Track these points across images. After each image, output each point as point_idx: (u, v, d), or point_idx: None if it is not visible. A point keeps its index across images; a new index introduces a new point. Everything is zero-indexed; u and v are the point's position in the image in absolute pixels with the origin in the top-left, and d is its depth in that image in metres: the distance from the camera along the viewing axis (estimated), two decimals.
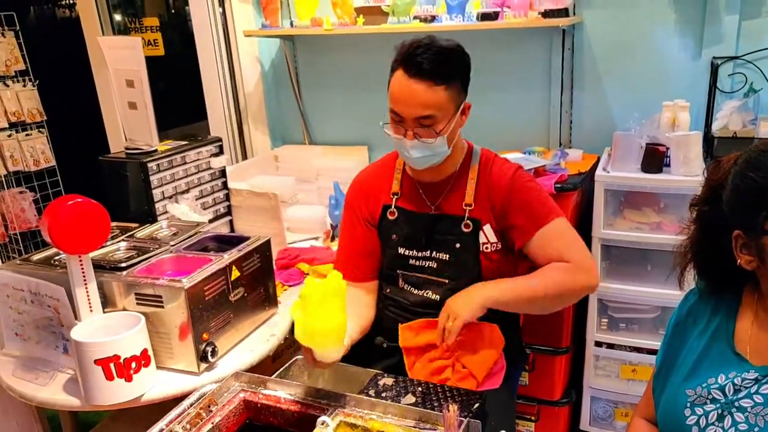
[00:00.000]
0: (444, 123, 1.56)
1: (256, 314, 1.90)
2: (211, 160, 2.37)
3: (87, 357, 1.52)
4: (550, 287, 1.58)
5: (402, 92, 1.54)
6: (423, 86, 1.51)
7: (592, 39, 2.50)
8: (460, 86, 1.58)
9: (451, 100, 1.55)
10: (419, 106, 1.53)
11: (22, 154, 3.28)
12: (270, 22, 2.74)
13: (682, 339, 1.29)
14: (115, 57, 2.11)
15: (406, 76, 1.52)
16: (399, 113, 1.56)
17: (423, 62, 1.50)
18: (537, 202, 1.65)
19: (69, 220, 1.54)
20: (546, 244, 1.62)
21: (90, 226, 1.58)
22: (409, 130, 1.56)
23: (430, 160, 1.62)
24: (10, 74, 3.25)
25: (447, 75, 1.53)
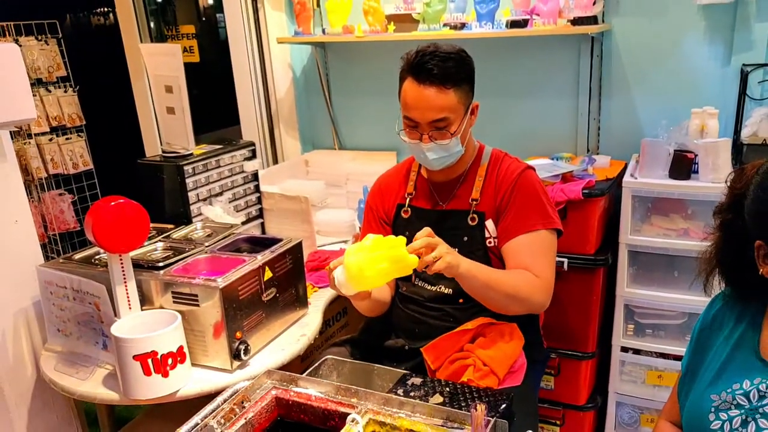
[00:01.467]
0: (456, 124, 1.66)
1: (287, 314, 1.95)
2: (244, 164, 2.44)
3: (126, 352, 1.58)
4: (510, 288, 1.63)
5: (415, 98, 1.63)
6: (434, 90, 1.61)
7: (621, 46, 2.51)
8: (468, 88, 1.69)
9: (460, 102, 1.66)
10: (433, 110, 1.63)
11: (62, 158, 3.40)
12: (302, 30, 2.81)
13: (708, 344, 1.30)
14: (155, 63, 2.18)
15: (416, 83, 1.63)
16: (413, 119, 1.66)
17: (432, 68, 1.60)
18: (532, 208, 1.71)
19: (112, 220, 1.61)
20: (519, 251, 1.69)
21: (131, 226, 1.64)
22: (424, 134, 1.66)
23: (446, 161, 1.72)
24: (53, 80, 3.37)
25: (455, 78, 1.62)
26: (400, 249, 1.44)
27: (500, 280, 1.63)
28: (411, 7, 2.63)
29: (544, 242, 1.71)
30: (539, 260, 1.68)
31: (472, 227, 1.75)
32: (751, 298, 1.25)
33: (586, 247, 2.18)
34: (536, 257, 1.68)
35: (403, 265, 1.45)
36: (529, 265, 1.67)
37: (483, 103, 2.80)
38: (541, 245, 1.70)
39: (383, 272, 1.45)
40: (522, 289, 1.63)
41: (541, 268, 1.67)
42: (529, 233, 1.69)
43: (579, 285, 2.21)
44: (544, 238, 1.71)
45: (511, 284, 1.63)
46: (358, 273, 1.46)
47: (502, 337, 1.68)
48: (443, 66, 1.60)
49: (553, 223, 1.72)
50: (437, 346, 1.71)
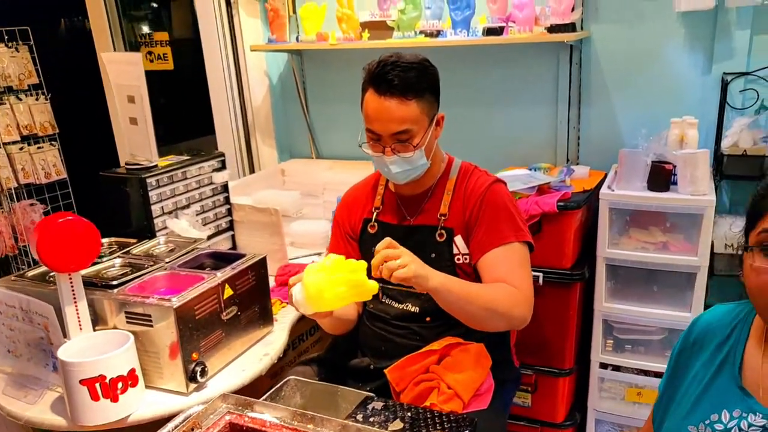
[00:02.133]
0: (420, 136, 1.60)
1: (249, 333, 1.88)
2: (213, 175, 2.37)
3: (72, 377, 1.51)
4: (489, 301, 1.54)
5: (376, 111, 1.58)
6: (395, 102, 1.55)
7: (600, 54, 2.45)
8: (432, 98, 1.62)
9: (423, 113, 1.59)
10: (394, 122, 1.57)
11: (34, 167, 3.32)
12: (276, 37, 2.74)
13: (686, 368, 1.23)
14: (117, 72, 2.11)
15: (377, 95, 1.57)
16: (376, 131, 1.61)
17: (393, 79, 1.54)
18: (502, 220, 1.64)
19: (58, 238, 1.53)
20: (495, 264, 1.62)
21: (80, 244, 1.57)
22: (387, 146, 1.61)
23: (410, 174, 1.66)
24: (24, 88, 3.30)
25: (417, 89, 1.56)
26: (360, 274, 1.39)
27: (477, 293, 1.55)
28: (386, 14, 2.56)
29: (519, 254, 1.64)
30: (516, 272, 1.61)
31: (439, 243, 1.69)
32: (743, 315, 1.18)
33: (562, 261, 2.12)
34: (513, 269, 1.61)
35: (362, 290, 1.40)
36: (507, 277, 1.59)
37: (459, 112, 2.77)
38: (516, 257, 1.63)
39: (341, 296, 1.40)
40: (501, 302, 1.55)
41: (519, 280, 1.60)
42: (503, 246, 1.62)
43: (555, 300, 2.14)
44: (518, 251, 1.64)
45: (490, 297, 1.55)
46: (317, 294, 1.41)
47: (468, 359, 1.61)
48: (404, 76, 1.54)
49: (525, 236, 1.66)
50: (402, 368, 1.64)
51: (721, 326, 1.20)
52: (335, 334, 1.84)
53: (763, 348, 1.12)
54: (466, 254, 1.68)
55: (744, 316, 1.18)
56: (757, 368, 1.12)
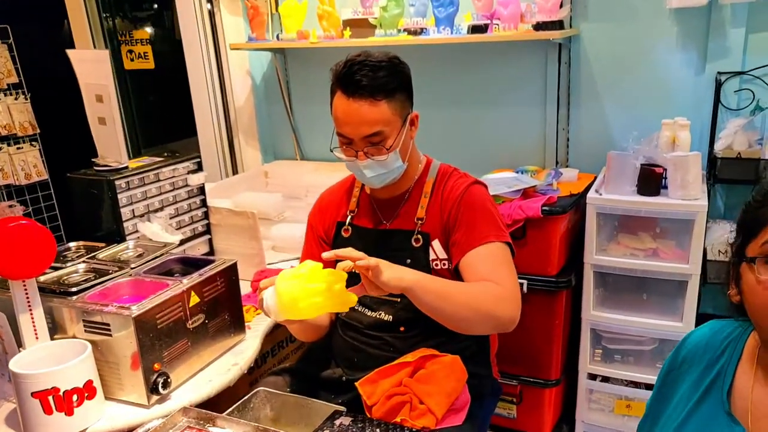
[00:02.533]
0: (393, 138, 1.52)
1: (218, 341, 1.79)
2: (188, 177, 2.29)
3: (24, 389, 1.43)
4: (471, 299, 1.43)
5: (345, 114, 1.50)
6: (365, 104, 1.47)
7: (590, 53, 2.37)
8: (404, 98, 1.54)
9: (395, 114, 1.51)
10: (365, 125, 1.49)
11: (13, 168, 3.25)
12: (257, 35, 2.67)
13: (673, 389, 1.14)
14: (85, 70, 2.04)
15: (345, 97, 1.49)
16: (346, 135, 1.53)
17: (361, 80, 1.46)
18: (482, 220, 1.55)
19: (10, 244, 1.46)
20: (477, 263, 1.51)
21: (33, 249, 1.49)
22: (359, 150, 1.52)
23: (386, 178, 1.58)
24: (3, 87, 3.22)
25: (387, 89, 1.48)
26: (340, 285, 1.30)
27: (458, 290, 1.44)
28: (369, 11, 2.49)
29: (501, 253, 1.54)
30: (500, 270, 1.50)
31: (415, 248, 1.61)
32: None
33: (548, 269, 2.04)
34: (496, 268, 1.50)
35: (341, 301, 1.30)
36: (490, 276, 1.48)
37: (443, 113, 2.70)
38: (498, 256, 1.53)
39: (317, 306, 1.30)
40: (485, 300, 1.43)
41: (504, 278, 1.48)
42: (484, 245, 1.52)
43: (540, 308, 2.06)
44: (500, 250, 1.54)
45: (472, 294, 1.43)
46: (291, 303, 1.31)
47: (442, 371, 1.53)
48: (373, 76, 1.46)
49: (505, 236, 1.56)
50: (373, 381, 1.56)
51: (712, 345, 1.11)
52: (304, 340, 1.77)
53: (754, 371, 1.03)
54: (444, 259, 1.60)
55: (737, 336, 1.08)
56: (746, 394, 1.02)
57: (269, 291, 1.37)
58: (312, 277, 1.31)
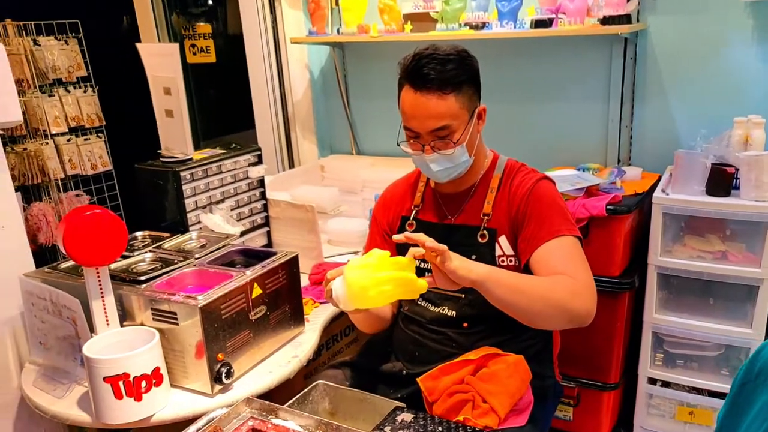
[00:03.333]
0: (460, 131, 1.51)
1: (279, 333, 1.82)
2: (249, 170, 2.32)
3: (96, 374, 1.48)
4: (546, 290, 1.41)
5: (413, 107, 1.49)
6: (433, 97, 1.46)
7: (657, 47, 2.30)
8: (472, 91, 1.52)
9: (463, 107, 1.50)
10: (432, 118, 1.48)
11: (80, 158, 3.35)
12: (317, 29, 2.68)
13: (749, 403, 1.08)
14: (153, 64, 2.09)
15: (413, 90, 1.48)
16: (414, 129, 1.52)
17: (429, 73, 1.45)
18: (552, 215, 1.53)
19: (85, 232, 1.51)
20: (549, 257, 1.49)
21: (107, 238, 1.54)
22: (426, 144, 1.51)
23: (452, 172, 1.57)
24: (72, 80, 3.33)
25: (455, 82, 1.47)
26: (410, 272, 1.31)
27: (531, 283, 1.42)
28: (430, 5, 2.47)
29: (574, 247, 1.51)
30: (573, 263, 1.47)
31: (481, 244, 1.59)
32: None
33: (611, 269, 1.99)
34: (569, 261, 1.47)
35: (410, 289, 1.31)
36: (564, 269, 1.45)
37: (504, 108, 2.66)
38: (571, 249, 1.50)
39: (386, 294, 1.31)
40: (560, 292, 1.40)
41: (578, 270, 1.46)
42: (556, 239, 1.50)
43: (602, 310, 1.96)
44: (572, 243, 1.51)
45: (546, 287, 1.41)
46: (360, 292, 1.32)
47: (506, 371, 1.51)
48: (441, 69, 1.45)
49: (576, 231, 1.54)
50: (435, 377, 1.56)
51: None
52: (367, 331, 1.77)
53: None
54: (511, 256, 1.58)
55: None
56: None
57: (338, 281, 1.37)
58: (380, 266, 1.31)
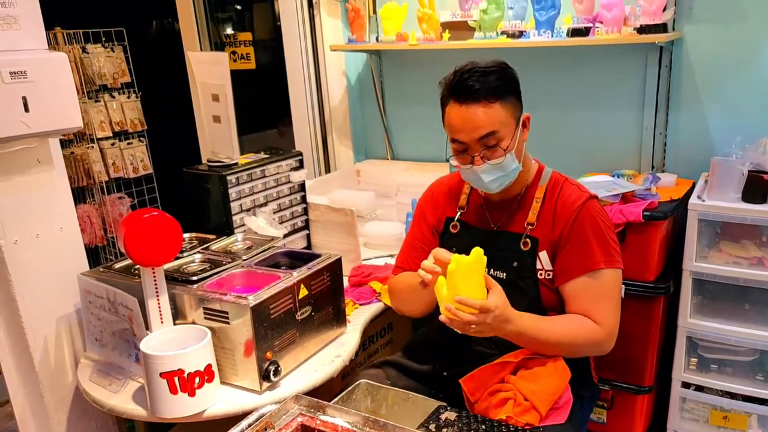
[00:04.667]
0: (508, 138, 1.56)
1: (322, 333, 1.88)
2: (290, 174, 2.40)
3: (153, 369, 1.55)
4: (567, 340, 1.55)
5: (460, 119, 1.55)
6: (479, 107, 1.52)
7: (693, 55, 2.32)
8: (515, 99, 1.58)
9: (509, 114, 1.55)
10: (481, 127, 1.53)
11: (123, 162, 3.47)
12: (356, 37, 2.75)
13: None
14: (202, 71, 2.17)
15: (458, 104, 1.54)
16: (462, 141, 1.57)
17: (473, 85, 1.51)
18: (594, 243, 1.57)
19: (144, 233, 1.59)
20: (582, 293, 1.57)
21: (164, 239, 1.62)
22: (476, 155, 1.55)
23: (504, 181, 1.61)
24: (117, 86, 3.45)
25: (499, 91, 1.53)
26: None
27: (555, 333, 1.54)
28: (468, 14, 2.52)
29: (608, 283, 1.58)
30: (602, 305, 1.56)
31: (523, 252, 1.64)
32: None
33: (646, 274, 2.02)
34: (599, 302, 1.56)
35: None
36: (591, 311, 1.56)
37: (539, 116, 2.67)
38: (604, 287, 1.57)
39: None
40: (580, 342, 1.56)
41: (604, 314, 1.56)
42: (591, 273, 1.56)
43: (637, 314, 2.05)
44: (608, 279, 1.57)
45: (569, 336, 1.55)
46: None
47: (546, 370, 1.56)
48: (485, 80, 1.51)
49: (615, 262, 1.58)
50: (476, 377, 1.61)
51: None
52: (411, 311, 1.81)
53: None
54: (549, 270, 1.62)
55: None
56: None
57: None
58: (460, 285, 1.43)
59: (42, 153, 1.89)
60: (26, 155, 1.84)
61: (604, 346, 1.58)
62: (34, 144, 1.83)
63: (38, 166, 1.88)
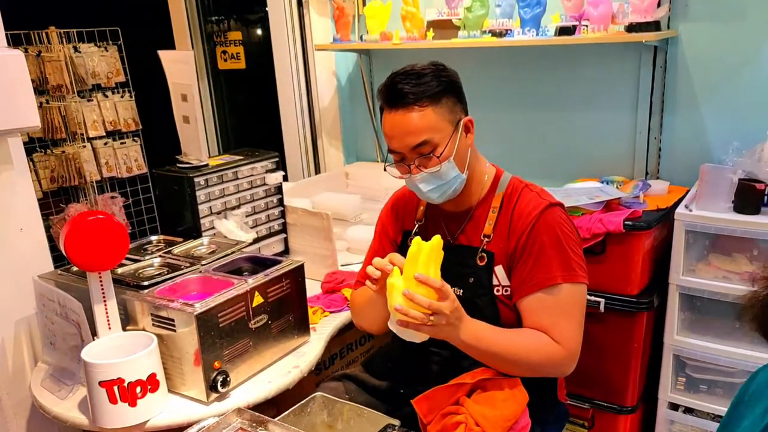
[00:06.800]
0: (443, 145, 1.44)
1: (281, 342, 1.81)
2: (266, 176, 2.33)
3: (93, 377, 1.50)
4: (523, 360, 1.44)
5: (392, 127, 1.45)
6: (409, 113, 1.42)
7: (689, 56, 2.20)
8: (452, 102, 1.46)
9: (443, 119, 1.44)
10: (411, 134, 1.43)
11: (116, 161, 3.44)
12: (341, 36, 2.67)
13: (737, 423, 1.05)
14: (173, 71, 2.11)
15: (391, 110, 1.44)
16: (396, 149, 1.48)
17: (403, 88, 1.41)
18: (552, 256, 1.44)
19: (88, 237, 1.53)
20: (538, 310, 1.45)
21: (108, 243, 1.56)
22: (411, 164, 1.46)
23: (444, 191, 1.50)
24: (111, 86, 3.42)
25: (430, 94, 1.42)
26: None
27: (512, 346, 1.43)
28: (454, 12, 2.43)
29: (567, 299, 1.44)
30: (560, 322, 1.43)
31: (479, 267, 1.53)
32: None
33: (628, 288, 1.90)
34: (556, 318, 1.43)
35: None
36: (548, 327, 1.43)
37: (526, 118, 2.59)
38: (562, 303, 1.44)
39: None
40: (537, 360, 1.44)
41: (563, 333, 1.43)
42: (548, 288, 1.44)
43: (618, 329, 1.93)
44: (567, 294, 1.44)
45: (526, 351, 1.44)
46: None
47: (502, 395, 1.45)
48: (416, 83, 1.40)
49: (576, 275, 1.45)
50: (430, 398, 1.51)
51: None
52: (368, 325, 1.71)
53: None
54: (506, 286, 1.51)
55: None
56: None
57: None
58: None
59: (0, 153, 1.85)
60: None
61: (565, 367, 1.46)
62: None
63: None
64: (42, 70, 3.10)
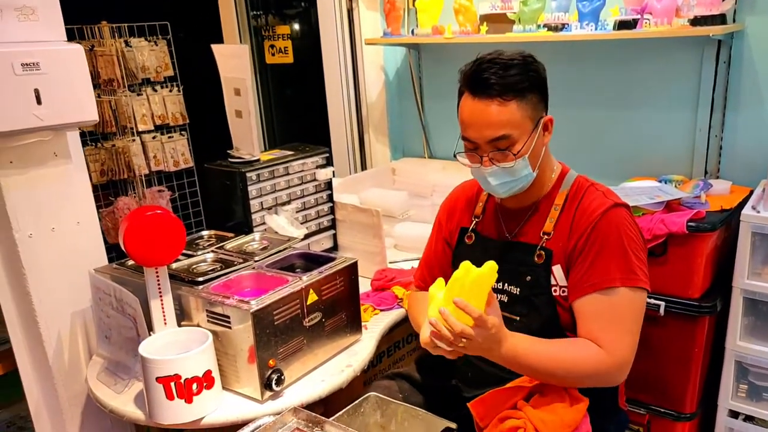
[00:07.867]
0: (522, 143, 1.40)
1: (334, 341, 1.80)
2: (316, 172, 2.32)
3: (150, 373, 1.51)
4: (568, 374, 1.38)
5: (471, 115, 1.40)
6: (493, 104, 1.37)
7: (755, 50, 2.11)
8: (536, 99, 1.42)
9: (526, 116, 1.40)
10: (491, 127, 1.38)
11: (164, 155, 3.48)
12: (392, 30, 2.64)
13: None
14: (226, 65, 2.11)
15: (472, 97, 1.40)
16: (471, 139, 1.43)
17: (489, 78, 1.36)
18: (614, 257, 1.39)
19: (146, 232, 1.54)
20: (591, 313, 1.40)
21: (166, 239, 1.57)
22: (484, 156, 1.41)
23: (512, 187, 1.46)
24: (160, 80, 3.45)
25: (517, 88, 1.37)
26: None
27: (552, 360, 1.38)
28: (508, 5, 2.38)
29: (623, 304, 1.38)
30: (612, 329, 1.37)
31: (537, 266, 1.48)
32: None
33: (689, 291, 1.84)
34: (609, 325, 1.38)
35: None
36: (599, 336, 1.38)
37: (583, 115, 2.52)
38: (617, 308, 1.38)
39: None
40: (581, 372, 1.38)
41: (613, 340, 1.37)
42: (604, 291, 1.38)
43: (678, 334, 1.87)
44: (623, 299, 1.38)
45: (567, 364, 1.38)
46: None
47: (561, 398, 1.41)
48: (503, 74, 1.36)
49: (635, 279, 1.38)
50: (486, 401, 1.48)
51: None
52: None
53: None
54: (564, 287, 1.46)
55: None
56: None
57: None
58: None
59: (59, 146, 1.87)
60: (42, 148, 1.82)
61: (613, 377, 1.39)
62: (48, 137, 1.81)
63: (55, 160, 1.86)
64: (94, 65, 3.15)
